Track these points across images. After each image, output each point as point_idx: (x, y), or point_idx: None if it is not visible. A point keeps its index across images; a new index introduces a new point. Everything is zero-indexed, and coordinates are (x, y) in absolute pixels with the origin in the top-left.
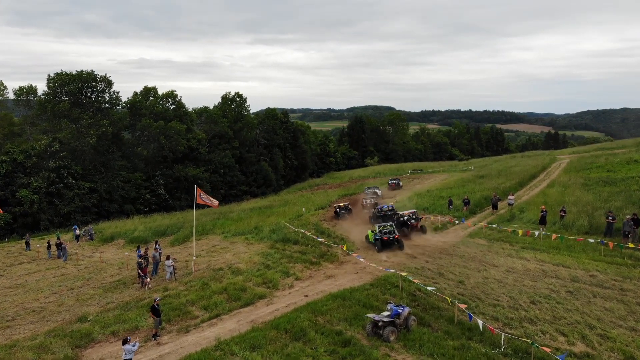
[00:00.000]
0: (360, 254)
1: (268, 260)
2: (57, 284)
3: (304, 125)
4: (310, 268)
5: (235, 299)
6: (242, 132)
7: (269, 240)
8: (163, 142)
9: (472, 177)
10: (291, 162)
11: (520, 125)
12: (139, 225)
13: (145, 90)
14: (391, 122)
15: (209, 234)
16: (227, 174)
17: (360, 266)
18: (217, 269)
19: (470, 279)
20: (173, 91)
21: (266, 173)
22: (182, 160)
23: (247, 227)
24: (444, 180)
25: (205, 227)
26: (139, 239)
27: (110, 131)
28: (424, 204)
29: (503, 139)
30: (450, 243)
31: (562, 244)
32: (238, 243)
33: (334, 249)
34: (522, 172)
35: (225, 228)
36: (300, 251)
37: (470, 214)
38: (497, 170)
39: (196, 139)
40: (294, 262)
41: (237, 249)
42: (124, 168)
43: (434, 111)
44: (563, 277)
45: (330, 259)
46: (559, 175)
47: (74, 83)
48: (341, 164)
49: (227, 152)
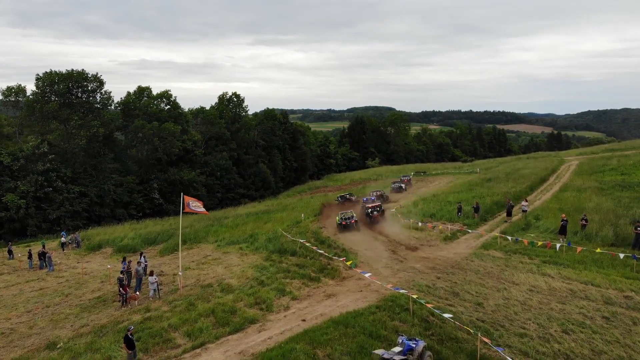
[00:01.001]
0: (364, 268)
1: (262, 275)
2: (34, 299)
3: (304, 125)
4: (309, 285)
5: (223, 323)
6: (239, 133)
7: (265, 250)
8: (157, 143)
9: (479, 181)
10: (290, 164)
11: (521, 125)
12: (129, 232)
13: (139, 90)
14: (392, 122)
15: (201, 242)
16: (224, 176)
17: (365, 283)
18: (206, 285)
19: (489, 300)
20: (168, 91)
21: (265, 175)
22: (177, 163)
23: (242, 235)
24: (450, 183)
25: (198, 234)
26: (127, 247)
27: (101, 132)
28: (431, 209)
29: (505, 140)
30: (462, 255)
31: (588, 258)
32: (231, 253)
33: (335, 262)
34: (532, 175)
35: (219, 236)
36: (298, 264)
37: (481, 221)
38: (504, 173)
39: (192, 140)
40: (290, 277)
41: (230, 260)
42: (116, 171)
43: (434, 112)
44: (595, 299)
45: (330, 273)
46: (571, 179)
47: (63, 82)
48: (342, 165)
49: (224, 154)
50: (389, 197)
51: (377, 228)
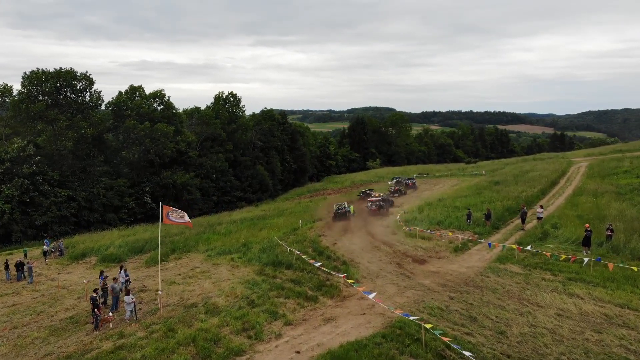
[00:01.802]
0: (367, 285)
1: (253, 293)
2: (3, 318)
3: (303, 126)
4: (305, 306)
5: (204, 355)
6: (236, 134)
7: (258, 262)
8: (149, 145)
9: (486, 184)
10: (289, 166)
11: (521, 126)
12: (116, 240)
13: (131, 90)
14: (393, 123)
15: (191, 252)
16: (219, 179)
17: (368, 303)
18: (189, 304)
19: (513, 328)
20: (161, 90)
21: (262, 177)
22: (170, 165)
23: (235, 244)
24: (455, 186)
25: (188, 242)
26: (112, 256)
27: (90, 133)
28: (437, 216)
29: (508, 140)
30: (476, 269)
31: (619, 275)
32: (222, 265)
33: (335, 278)
34: (542, 178)
35: (210, 244)
36: (294, 279)
37: (493, 229)
38: (512, 175)
39: (186, 141)
40: (284, 296)
41: (219, 274)
42: (106, 174)
43: (434, 112)
44: (635, 326)
45: (329, 291)
46: (583, 182)
47: (51, 81)
48: (342, 166)
49: (219, 155)
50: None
51: (379, 236)
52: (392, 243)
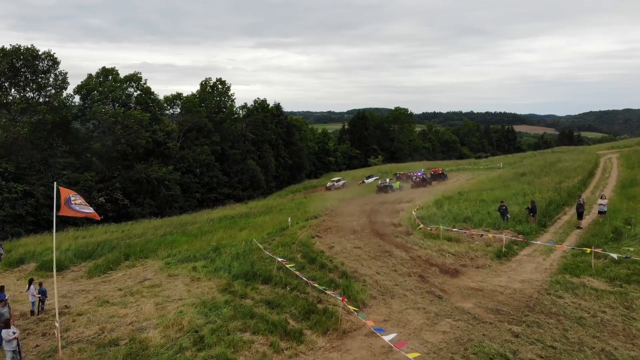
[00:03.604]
0: (378, 310)
1: (207, 323)
2: None
3: (300, 120)
4: (282, 350)
5: None
6: (224, 124)
7: (227, 273)
8: (120, 133)
9: (511, 175)
10: (285, 161)
11: (522, 126)
12: (65, 242)
13: (104, 72)
14: (396, 118)
15: (149, 258)
16: (204, 173)
17: (382, 344)
18: (109, 341)
19: None
20: (137, 73)
21: (254, 173)
22: (146, 157)
23: (205, 248)
24: (471, 180)
25: (148, 246)
26: (52, 262)
27: (49, 119)
28: (463, 212)
29: (515, 138)
30: (536, 285)
31: None
32: (180, 277)
33: (330, 299)
34: (577, 168)
35: (175, 248)
36: (271, 301)
37: (539, 227)
38: (538, 167)
39: (164, 131)
40: (252, 329)
41: (172, 289)
42: (70, 166)
43: (435, 113)
44: None
45: (321, 322)
46: (625, 172)
47: (6, 59)
48: (342, 164)
49: (205, 147)
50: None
51: (390, 237)
52: (409, 246)
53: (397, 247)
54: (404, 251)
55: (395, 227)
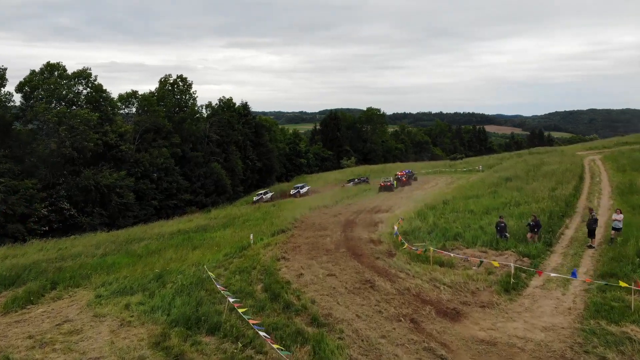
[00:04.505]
0: None
1: None
2: None
3: (270, 120)
4: None
5: None
6: (184, 124)
7: (165, 316)
8: (63, 135)
9: (496, 180)
10: (253, 164)
11: (490, 126)
12: None
13: (48, 68)
14: (369, 119)
15: (80, 286)
16: (162, 179)
17: None
18: None
19: None
20: (87, 69)
21: (219, 177)
22: (95, 162)
23: (147, 276)
24: (452, 184)
25: (82, 270)
26: None
27: None
28: (450, 226)
29: (486, 138)
30: (565, 336)
31: None
32: (107, 319)
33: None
34: (565, 172)
35: (112, 274)
36: None
37: (545, 246)
38: (523, 171)
39: (117, 132)
40: None
41: (92, 339)
42: (9, 173)
43: (405, 114)
44: None
45: None
46: (617, 176)
47: None
48: (314, 165)
49: (163, 150)
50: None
51: (369, 259)
52: (393, 273)
53: (379, 275)
54: (388, 281)
55: (375, 244)
